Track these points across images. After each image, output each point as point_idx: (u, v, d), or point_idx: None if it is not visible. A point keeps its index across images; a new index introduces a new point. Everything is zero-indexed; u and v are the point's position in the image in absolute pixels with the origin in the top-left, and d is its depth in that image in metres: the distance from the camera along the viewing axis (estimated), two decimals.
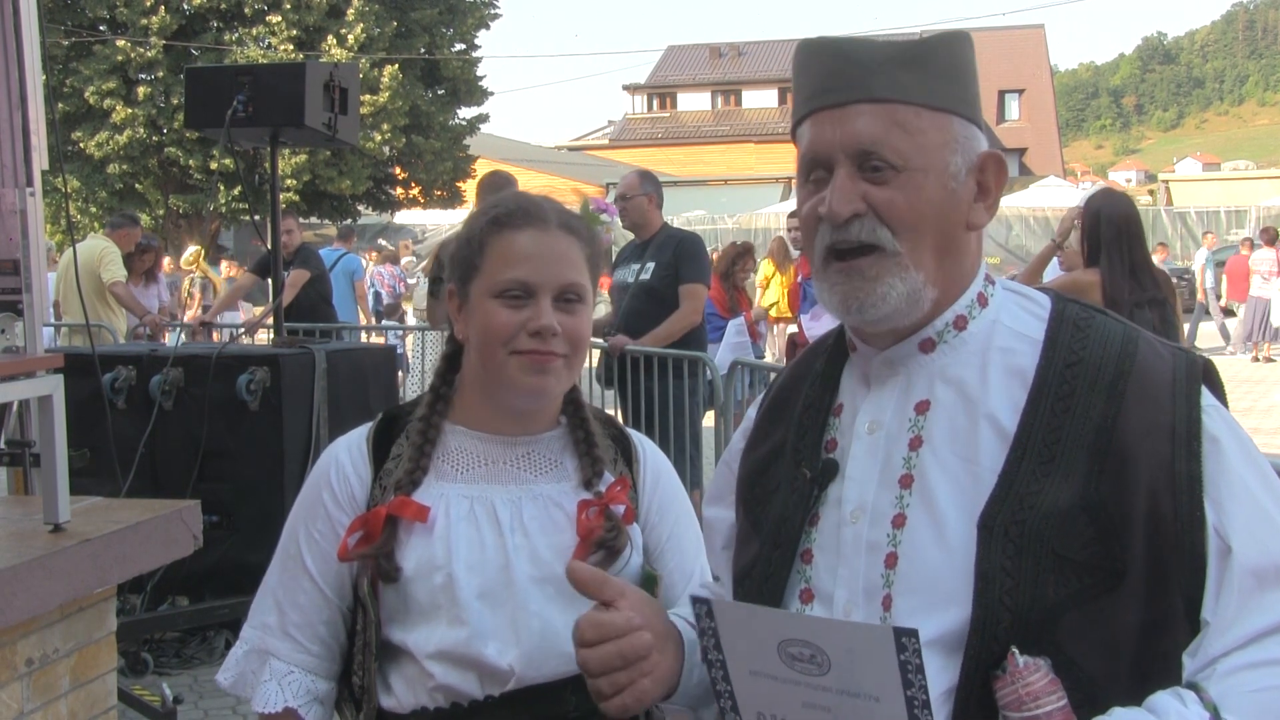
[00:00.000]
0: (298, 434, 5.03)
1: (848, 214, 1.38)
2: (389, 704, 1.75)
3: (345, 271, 11.19)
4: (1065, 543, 1.28)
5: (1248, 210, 31.23)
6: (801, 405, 1.55)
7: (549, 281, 1.74)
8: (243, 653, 1.85)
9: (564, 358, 1.75)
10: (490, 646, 1.70)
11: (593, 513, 1.76)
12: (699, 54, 54.83)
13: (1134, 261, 4.81)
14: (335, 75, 5.35)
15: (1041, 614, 1.27)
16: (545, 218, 1.78)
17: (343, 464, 1.84)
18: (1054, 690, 1.24)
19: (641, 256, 6.42)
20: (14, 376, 2.71)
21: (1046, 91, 57.65)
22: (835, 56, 1.42)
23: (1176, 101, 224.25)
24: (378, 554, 1.72)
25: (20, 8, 2.83)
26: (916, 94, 1.39)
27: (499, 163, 37.97)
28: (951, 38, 1.45)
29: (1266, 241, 18.03)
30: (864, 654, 1.21)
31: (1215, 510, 1.29)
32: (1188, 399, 1.33)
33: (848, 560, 1.41)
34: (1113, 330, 1.40)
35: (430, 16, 26.24)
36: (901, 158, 1.37)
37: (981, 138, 1.44)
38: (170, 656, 5.29)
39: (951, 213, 1.41)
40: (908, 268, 1.38)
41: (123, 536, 2.84)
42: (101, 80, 23.90)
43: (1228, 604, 1.27)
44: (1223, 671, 1.25)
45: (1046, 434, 1.33)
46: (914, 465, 1.39)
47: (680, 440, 6.24)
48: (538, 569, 1.73)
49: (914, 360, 1.45)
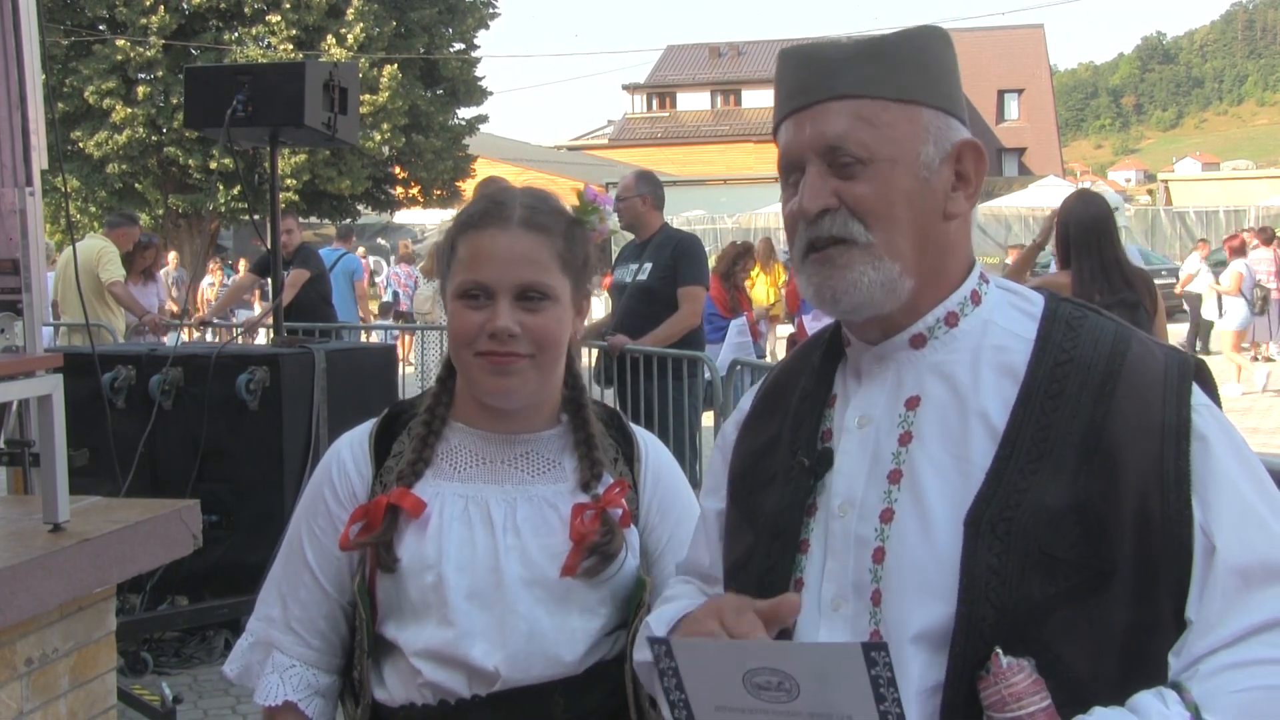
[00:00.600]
0: (297, 434, 5.03)
1: (817, 209, 1.40)
2: (382, 697, 1.77)
3: (345, 271, 11.19)
4: (1053, 541, 1.28)
5: (1247, 210, 31.24)
6: (798, 397, 1.55)
7: (505, 282, 1.72)
8: (248, 645, 1.87)
9: (529, 358, 1.74)
10: (477, 648, 1.70)
11: (588, 517, 1.75)
12: (698, 54, 54.84)
13: (1104, 262, 4.85)
14: (335, 75, 5.35)
15: (1027, 612, 1.27)
16: (507, 216, 1.75)
17: (344, 461, 1.86)
18: (1038, 691, 1.24)
19: (639, 257, 6.42)
20: (14, 376, 2.72)
21: (1046, 91, 57.63)
22: (805, 60, 1.45)
23: (1176, 101, 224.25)
24: (378, 542, 1.73)
25: (20, 8, 2.83)
26: (881, 88, 1.40)
27: (498, 163, 38.01)
28: (919, 32, 1.46)
29: (1264, 241, 18.02)
30: (834, 675, 1.20)
31: (1202, 508, 1.28)
32: (1178, 398, 1.33)
33: (836, 554, 1.41)
34: (1105, 329, 1.40)
35: (430, 16, 26.23)
36: (867, 150, 1.39)
37: (959, 127, 1.44)
38: (170, 656, 5.29)
39: (925, 201, 1.41)
40: (880, 256, 1.39)
41: (122, 536, 2.84)
42: (101, 80, 23.88)
43: (1212, 603, 1.26)
44: (1206, 672, 1.24)
45: (1036, 432, 1.33)
46: (903, 460, 1.39)
47: (679, 440, 6.24)
48: (528, 570, 1.73)
49: (904, 355, 1.45)
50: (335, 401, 5.13)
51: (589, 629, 1.76)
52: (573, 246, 1.80)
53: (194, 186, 25.02)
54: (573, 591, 1.74)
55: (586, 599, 1.75)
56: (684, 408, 6.27)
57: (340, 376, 5.20)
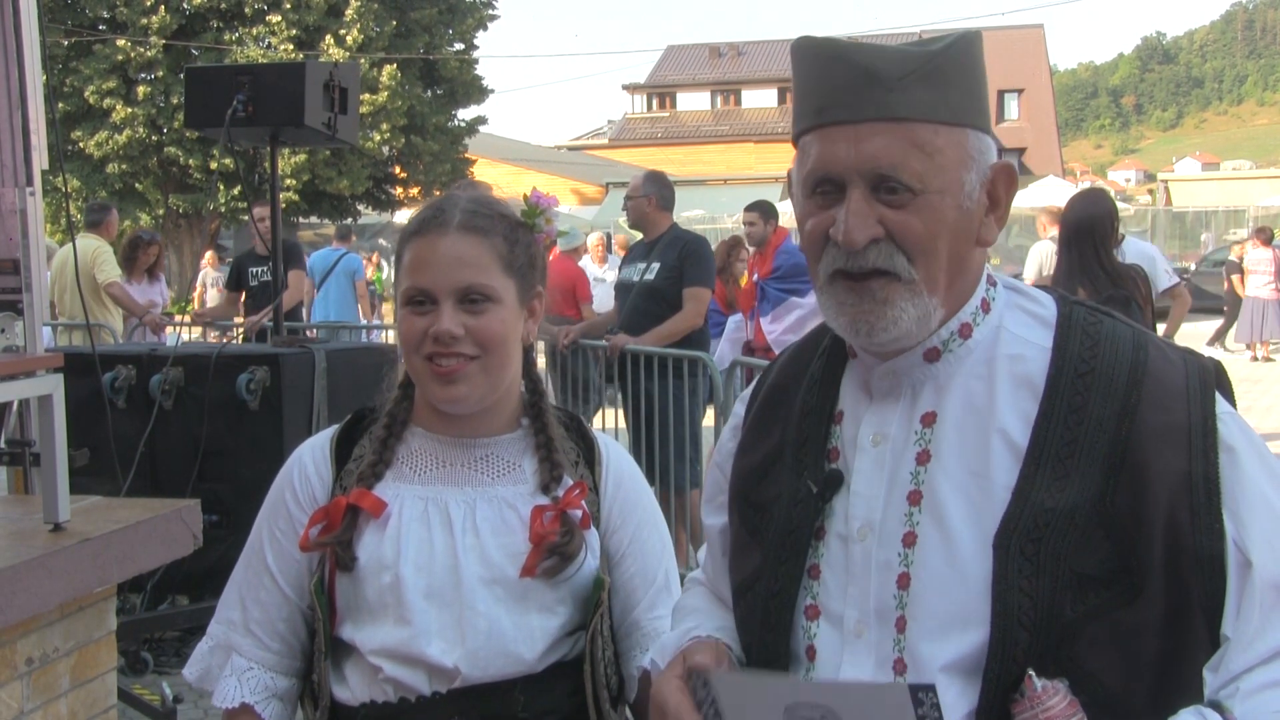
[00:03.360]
0: (298, 434, 5.02)
1: (865, 241, 1.33)
2: (343, 696, 1.78)
3: (346, 271, 11.16)
4: (1082, 558, 1.26)
5: (1246, 210, 31.23)
6: (800, 410, 1.50)
7: (445, 285, 1.74)
8: (208, 648, 1.88)
9: (475, 359, 1.75)
10: (434, 646, 1.71)
11: (547, 518, 1.76)
12: (698, 54, 54.81)
13: (1097, 259, 4.91)
14: (335, 75, 5.34)
15: (1060, 632, 1.25)
16: (446, 221, 1.77)
17: (305, 464, 1.88)
18: (1073, 712, 1.22)
19: (647, 256, 6.44)
20: (14, 376, 2.72)
21: (1046, 91, 57.60)
22: (849, 68, 1.34)
23: (1175, 101, 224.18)
24: (336, 542, 1.75)
25: (20, 8, 2.83)
26: (934, 111, 1.33)
27: (498, 163, 37.95)
28: (965, 43, 1.38)
29: (1263, 241, 18.03)
30: (880, 714, 1.17)
31: (1234, 522, 1.26)
32: (1202, 407, 1.31)
33: (857, 579, 1.37)
34: (1122, 334, 1.37)
35: (429, 16, 26.24)
36: (920, 181, 1.32)
37: (993, 147, 1.40)
38: (170, 656, 5.29)
39: (964, 230, 1.36)
40: (921, 292, 1.34)
41: (123, 536, 2.84)
42: (101, 80, 23.89)
43: (1249, 619, 1.24)
44: (1246, 690, 1.22)
45: (1059, 447, 1.30)
46: (922, 481, 1.35)
47: (680, 440, 6.25)
48: (487, 570, 1.74)
49: (918, 370, 1.40)
50: (335, 402, 5.13)
51: (548, 628, 1.77)
52: (514, 248, 1.81)
53: (194, 186, 25.03)
54: (531, 591, 1.75)
55: (545, 598, 1.77)
56: (685, 408, 6.27)
57: (340, 376, 5.19)
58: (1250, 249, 18.20)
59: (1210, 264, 23.58)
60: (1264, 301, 17.41)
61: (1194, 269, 25.36)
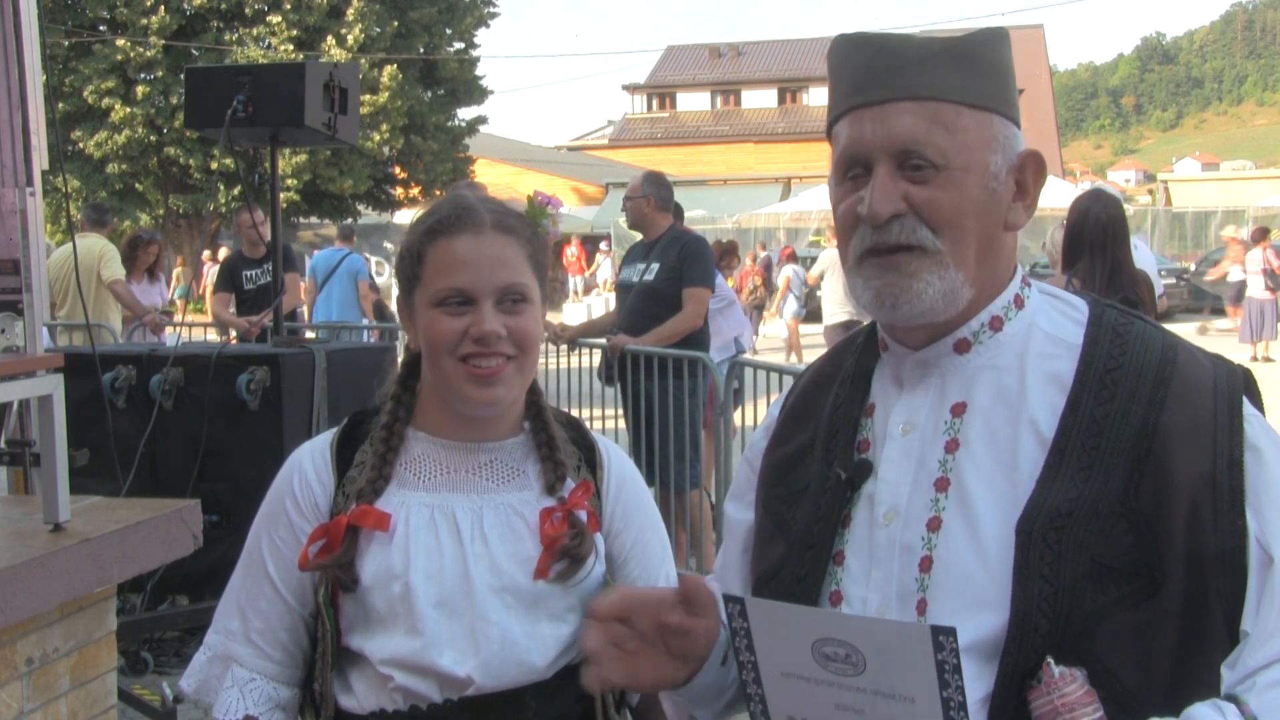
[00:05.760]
0: (298, 434, 5.02)
1: (888, 214, 1.35)
2: (349, 704, 1.74)
3: (349, 271, 11.12)
4: (1104, 549, 1.27)
5: (1246, 210, 31.23)
6: (831, 404, 1.53)
7: (488, 286, 1.71)
8: (206, 659, 1.83)
9: (513, 360, 1.73)
10: (446, 656, 1.68)
11: (556, 518, 1.74)
12: (698, 54, 54.86)
13: (1116, 261, 4.86)
14: (335, 75, 5.34)
15: (1079, 622, 1.25)
16: (479, 221, 1.74)
17: (305, 471, 1.83)
18: (1090, 701, 1.23)
19: (647, 257, 6.44)
20: (14, 376, 2.72)
21: (1045, 91, 57.65)
22: (876, 53, 1.39)
23: (1175, 101, 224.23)
24: (337, 564, 1.71)
25: (20, 8, 2.83)
26: (959, 92, 1.36)
27: (499, 163, 37.96)
28: (993, 35, 1.42)
29: (1256, 240, 18.05)
30: (899, 653, 1.18)
31: (1257, 520, 1.27)
32: (1229, 407, 1.32)
33: (881, 563, 1.39)
34: (1152, 336, 1.39)
35: (429, 16, 26.26)
36: (944, 157, 1.35)
37: (1021, 137, 1.42)
38: (170, 656, 5.29)
39: (992, 213, 1.38)
40: (947, 266, 1.36)
41: (123, 536, 2.84)
42: (101, 80, 23.90)
43: (1269, 616, 1.25)
44: (1264, 684, 1.22)
45: (1086, 439, 1.31)
46: (950, 469, 1.37)
47: (680, 441, 6.25)
48: (498, 579, 1.72)
49: (949, 361, 1.43)
50: (335, 402, 5.13)
51: (559, 635, 1.75)
52: (537, 247, 1.81)
53: (194, 186, 25.03)
54: (542, 599, 1.73)
55: (555, 606, 1.74)
56: (685, 408, 6.28)
57: (340, 376, 5.20)
58: (1248, 253, 18.22)
59: (1210, 264, 23.58)
60: (1260, 301, 17.43)
61: (1194, 269, 25.37)
